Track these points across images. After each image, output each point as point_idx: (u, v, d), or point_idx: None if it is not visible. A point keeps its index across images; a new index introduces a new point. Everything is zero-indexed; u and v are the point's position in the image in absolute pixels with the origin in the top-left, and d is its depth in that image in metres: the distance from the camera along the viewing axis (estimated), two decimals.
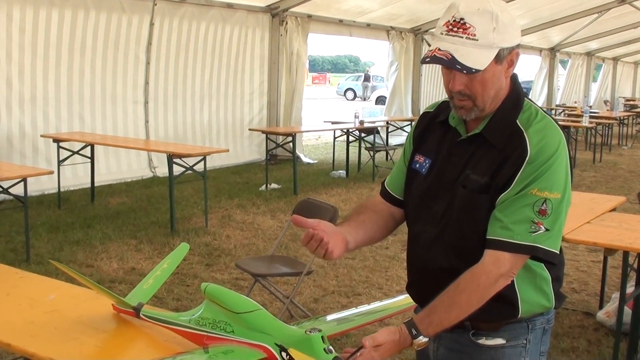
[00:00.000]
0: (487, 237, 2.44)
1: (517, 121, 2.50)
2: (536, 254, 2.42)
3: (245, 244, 8.99)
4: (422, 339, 2.41)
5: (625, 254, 5.22)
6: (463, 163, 2.56)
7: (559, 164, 2.43)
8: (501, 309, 2.54)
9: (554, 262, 2.49)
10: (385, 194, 2.90)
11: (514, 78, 2.57)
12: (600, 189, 13.37)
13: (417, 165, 2.73)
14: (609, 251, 5.60)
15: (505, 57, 2.46)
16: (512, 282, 2.47)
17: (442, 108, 2.75)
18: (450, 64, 2.38)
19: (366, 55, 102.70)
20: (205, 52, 14.77)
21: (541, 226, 2.39)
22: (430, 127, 2.76)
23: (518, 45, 2.49)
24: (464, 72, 2.39)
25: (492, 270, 2.39)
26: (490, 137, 2.51)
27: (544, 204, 2.39)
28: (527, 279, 2.54)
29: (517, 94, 2.57)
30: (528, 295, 2.56)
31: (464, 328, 2.60)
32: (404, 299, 3.06)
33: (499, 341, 2.60)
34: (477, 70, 2.39)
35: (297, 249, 8.76)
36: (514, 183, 2.42)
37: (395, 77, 19.99)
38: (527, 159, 2.41)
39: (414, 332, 2.41)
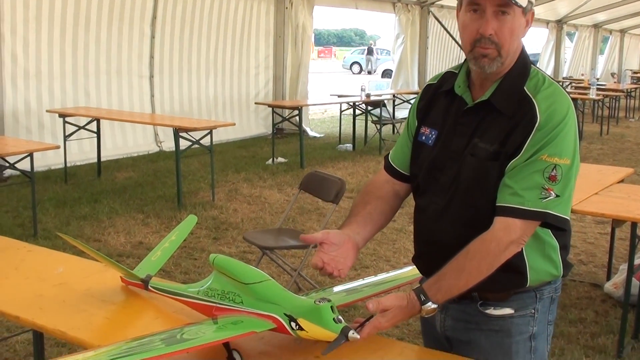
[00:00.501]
0: (497, 204, 2.42)
1: (525, 88, 2.48)
2: (547, 220, 2.40)
3: (252, 218, 9.00)
4: (431, 306, 2.40)
5: (634, 225, 5.21)
6: (470, 132, 2.54)
7: (568, 130, 2.42)
8: (510, 279, 2.53)
9: (564, 228, 2.48)
10: (389, 168, 2.88)
11: (521, 45, 2.56)
12: (608, 162, 13.36)
13: (423, 138, 2.70)
14: (617, 222, 5.60)
15: (528, 12, 2.48)
16: (521, 250, 2.45)
17: (445, 78, 2.73)
18: None
19: (372, 29, 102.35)
20: (211, 25, 14.74)
21: (551, 192, 2.37)
22: (435, 98, 2.74)
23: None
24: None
25: (503, 237, 2.38)
26: (498, 104, 2.49)
27: (554, 170, 2.38)
28: (536, 247, 2.53)
29: (524, 61, 2.56)
30: (536, 264, 2.55)
31: (472, 299, 2.60)
32: (411, 270, 3.05)
33: (507, 311, 2.59)
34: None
35: (305, 222, 8.77)
36: (524, 149, 2.41)
37: (401, 50, 19.90)
38: (536, 125, 2.40)
39: (423, 298, 2.39)
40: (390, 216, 2.85)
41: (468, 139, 2.54)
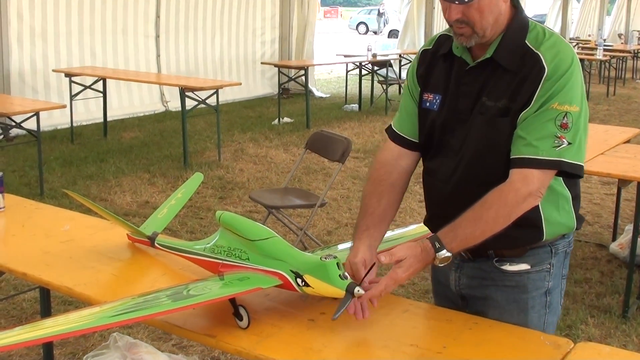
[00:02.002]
0: (512, 156, 2.41)
1: (527, 41, 2.47)
2: (562, 168, 2.38)
3: (258, 177, 9.01)
4: (445, 254, 2.37)
5: None
6: (476, 91, 2.52)
7: (575, 78, 2.41)
8: (526, 234, 2.53)
9: (580, 175, 2.46)
10: (398, 138, 2.80)
11: (508, 5, 2.51)
12: (614, 122, 13.30)
13: (427, 104, 2.67)
14: (623, 182, 5.58)
15: None
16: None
17: (441, 41, 2.69)
18: None
19: None
20: None
21: (564, 140, 2.36)
22: (433, 62, 2.70)
23: None
24: (456, 2, 2.38)
25: (521, 188, 2.36)
26: (503, 60, 2.47)
27: (565, 118, 2.36)
28: (549, 199, 2.51)
29: (521, 14, 2.53)
30: (552, 216, 2.55)
31: (488, 257, 2.60)
32: (417, 228, 3.05)
33: (524, 267, 2.59)
34: (470, 0, 2.37)
35: (310, 181, 8.77)
36: (534, 100, 2.39)
37: (408, 9, 19.80)
38: (545, 75, 2.38)
39: (437, 245, 2.37)
40: (401, 199, 2.80)
41: (474, 98, 2.52)
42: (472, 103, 2.53)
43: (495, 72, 2.49)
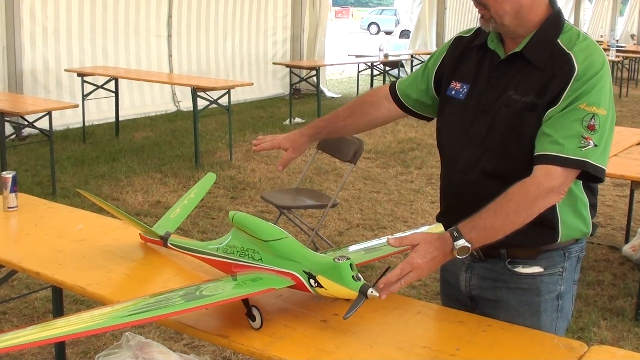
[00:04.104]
0: (536, 153, 2.39)
1: (559, 41, 2.47)
2: (586, 169, 2.37)
3: (270, 177, 9.01)
4: (464, 243, 2.33)
5: None
6: (503, 85, 2.53)
7: (604, 82, 2.42)
8: (541, 234, 2.51)
9: (602, 179, 2.44)
10: (394, 95, 2.95)
11: (552, 1, 2.55)
12: (627, 124, 13.23)
13: (453, 92, 2.68)
14: (636, 184, 5.58)
15: None
16: (554, 205, 2.42)
17: (478, 32, 2.71)
18: None
19: None
20: None
21: (590, 141, 2.35)
22: (466, 52, 2.72)
23: None
24: None
25: (543, 183, 2.34)
26: (531, 56, 2.48)
27: (593, 119, 2.36)
28: (568, 202, 2.50)
29: (557, 15, 2.54)
30: (568, 219, 2.54)
31: (500, 257, 2.59)
32: (429, 229, 3.05)
33: (537, 269, 2.58)
34: None
35: (322, 182, 8.77)
36: (562, 99, 2.39)
37: (419, 10, 19.79)
38: (575, 75, 2.38)
39: (456, 234, 2.34)
40: (358, 131, 3.12)
41: (501, 92, 2.53)
42: (497, 95, 2.54)
43: (525, 68, 2.50)
